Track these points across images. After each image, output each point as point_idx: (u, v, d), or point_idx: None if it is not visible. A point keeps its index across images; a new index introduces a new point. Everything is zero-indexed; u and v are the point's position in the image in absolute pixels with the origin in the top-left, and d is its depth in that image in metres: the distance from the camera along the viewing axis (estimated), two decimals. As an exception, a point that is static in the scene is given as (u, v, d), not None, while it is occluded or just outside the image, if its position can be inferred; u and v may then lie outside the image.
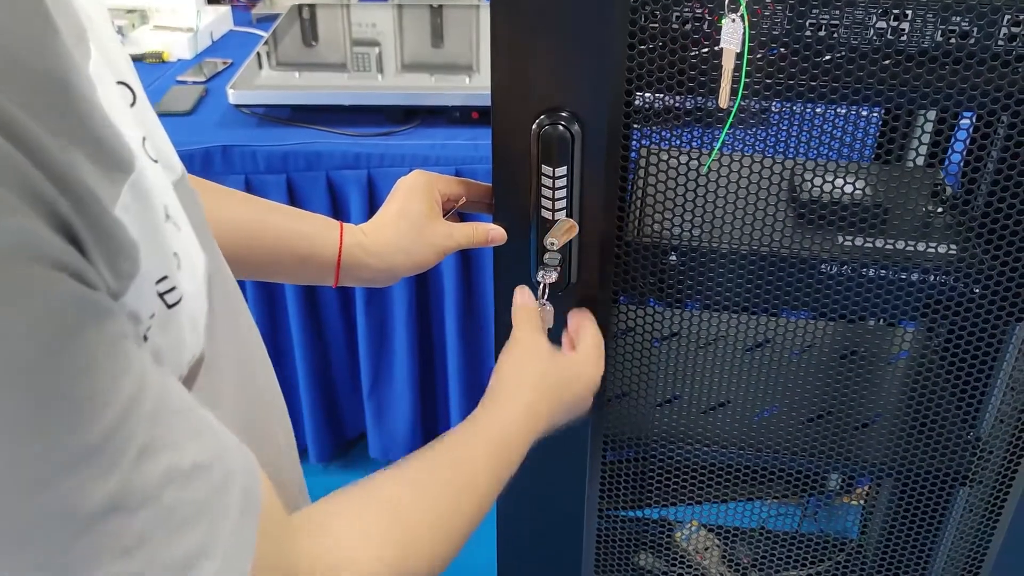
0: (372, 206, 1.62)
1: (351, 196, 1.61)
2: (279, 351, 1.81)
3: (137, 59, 1.95)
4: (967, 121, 0.85)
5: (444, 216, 0.78)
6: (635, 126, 0.73)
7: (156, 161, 0.42)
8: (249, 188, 1.61)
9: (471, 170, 1.58)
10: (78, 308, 0.32)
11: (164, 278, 0.39)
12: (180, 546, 0.36)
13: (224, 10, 2.17)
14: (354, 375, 1.86)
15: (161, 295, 0.39)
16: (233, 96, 1.65)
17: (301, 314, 1.72)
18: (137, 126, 0.41)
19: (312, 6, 2.13)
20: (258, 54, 1.83)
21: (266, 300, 1.73)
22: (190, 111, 1.71)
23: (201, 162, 1.58)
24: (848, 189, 0.79)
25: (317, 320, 1.77)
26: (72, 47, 0.34)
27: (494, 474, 0.62)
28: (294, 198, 1.62)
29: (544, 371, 0.71)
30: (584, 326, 0.78)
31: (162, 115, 1.68)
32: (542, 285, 0.77)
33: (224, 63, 1.93)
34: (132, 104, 0.42)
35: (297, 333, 1.75)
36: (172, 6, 2.03)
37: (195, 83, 1.83)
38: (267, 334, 1.76)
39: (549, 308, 0.78)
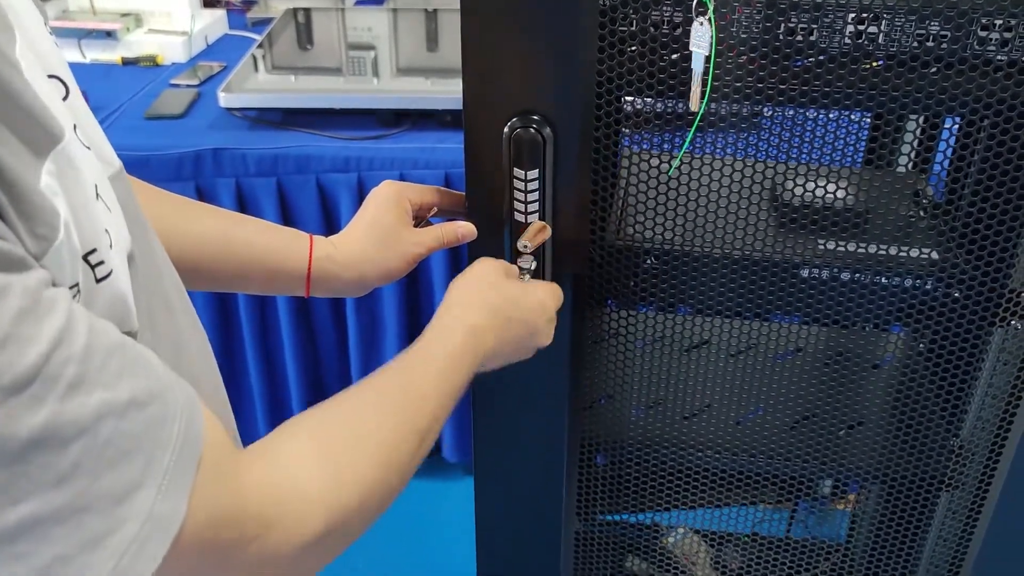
0: (362, 209, 1.62)
1: (341, 199, 1.61)
2: (270, 358, 1.80)
3: (131, 62, 1.96)
4: (947, 130, 0.85)
5: (418, 225, 0.78)
6: (608, 129, 0.73)
7: (88, 148, 0.43)
8: (240, 191, 1.61)
9: (460, 174, 1.57)
10: None
11: (94, 251, 0.40)
12: (116, 477, 0.38)
13: (219, 14, 2.18)
14: (345, 381, 1.86)
15: (92, 266, 0.40)
16: (224, 99, 1.65)
17: (292, 321, 1.72)
18: (68, 115, 0.42)
19: (307, 10, 2.13)
20: (252, 57, 1.83)
21: (257, 308, 1.73)
22: (182, 114, 1.71)
23: (192, 165, 1.58)
24: (831, 194, 0.79)
25: (308, 327, 1.77)
26: None
27: (439, 399, 0.60)
28: (284, 201, 1.62)
29: (491, 294, 0.69)
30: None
31: (154, 118, 1.69)
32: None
33: (218, 66, 1.94)
34: (64, 98, 0.43)
35: (288, 340, 1.74)
36: (167, 9, 2.03)
37: (188, 86, 1.83)
38: (258, 341, 1.76)
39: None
